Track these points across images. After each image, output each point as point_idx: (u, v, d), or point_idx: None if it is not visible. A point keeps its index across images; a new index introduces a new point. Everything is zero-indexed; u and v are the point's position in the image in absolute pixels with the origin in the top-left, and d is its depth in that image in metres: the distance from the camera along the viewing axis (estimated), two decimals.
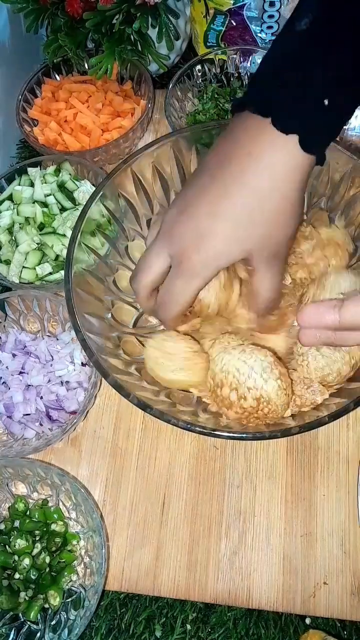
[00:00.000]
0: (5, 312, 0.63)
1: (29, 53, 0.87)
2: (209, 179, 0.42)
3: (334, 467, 0.56)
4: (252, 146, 0.40)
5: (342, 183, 0.55)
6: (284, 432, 0.44)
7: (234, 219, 0.41)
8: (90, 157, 0.73)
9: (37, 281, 0.66)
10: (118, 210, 0.56)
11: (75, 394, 0.60)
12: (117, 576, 0.54)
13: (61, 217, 0.68)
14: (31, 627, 0.51)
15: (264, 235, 0.42)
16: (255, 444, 0.58)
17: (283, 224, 0.42)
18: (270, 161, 0.39)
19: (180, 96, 0.76)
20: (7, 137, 0.81)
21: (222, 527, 0.55)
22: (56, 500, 0.56)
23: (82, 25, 0.72)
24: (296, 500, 0.55)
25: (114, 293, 0.56)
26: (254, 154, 0.40)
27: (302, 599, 0.52)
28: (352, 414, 0.55)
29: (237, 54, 0.76)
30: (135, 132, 0.74)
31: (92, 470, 0.59)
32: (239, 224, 0.41)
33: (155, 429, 0.60)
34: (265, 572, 0.53)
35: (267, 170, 0.40)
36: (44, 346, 0.62)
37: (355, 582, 0.52)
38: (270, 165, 0.39)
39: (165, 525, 0.56)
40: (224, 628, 0.52)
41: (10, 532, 0.54)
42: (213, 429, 0.44)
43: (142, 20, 0.70)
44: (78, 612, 0.51)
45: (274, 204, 0.41)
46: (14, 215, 0.69)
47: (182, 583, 0.53)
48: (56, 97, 0.79)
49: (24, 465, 0.54)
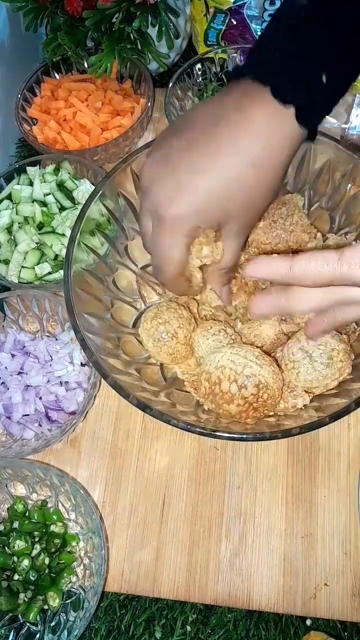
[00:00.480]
0: (4, 312, 0.63)
1: (28, 52, 0.86)
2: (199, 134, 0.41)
3: (335, 468, 0.56)
4: (249, 111, 0.40)
5: (343, 182, 0.55)
6: (285, 432, 0.43)
7: (220, 176, 0.40)
8: (90, 156, 0.73)
9: (36, 281, 0.66)
10: (117, 209, 0.56)
11: (75, 395, 0.59)
12: (116, 577, 0.54)
13: (60, 217, 0.68)
14: (30, 629, 0.51)
15: (245, 201, 0.41)
16: (256, 445, 0.57)
17: (265, 194, 0.42)
18: (267, 129, 0.39)
19: (180, 95, 0.75)
20: (6, 136, 0.81)
21: (223, 528, 0.55)
22: (55, 501, 0.55)
23: (81, 24, 0.71)
24: (297, 501, 0.55)
25: (113, 293, 0.56)
26: (251, 119, 0.39)
27: (302, 601, 0.52)
28: (353, 414, 0.55)
29: (238, 52, 0.75)
30: (135, 131, 0.74)
31: (92, 471, 0.58)
32: (224, 183, 0.40)
33: (155, 429, 0.59)
34: (265, 574, 0.53)
35: (262, 137, 0.39)
36: (43, 346, 0.61)
37: (356, 583, 0.52)
38: (266, 133, 0.39)
39: (165, 526, 0.55)
40: (224, 629, 0.52)
41: (9, 533, 0.54)
42: (213, 429, 0.44)
43: (141, 18, 0.69)
44: (77, 613, 0.51)
45: (263, 172, 0.40)
46: (12, 214, 0.68)
47: (182, 584, 0.53)
48: (55, 96, 0.79)
49: (23, 466, 0.54)
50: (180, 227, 0.41)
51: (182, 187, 0.40)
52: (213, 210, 0.41)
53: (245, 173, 0.40)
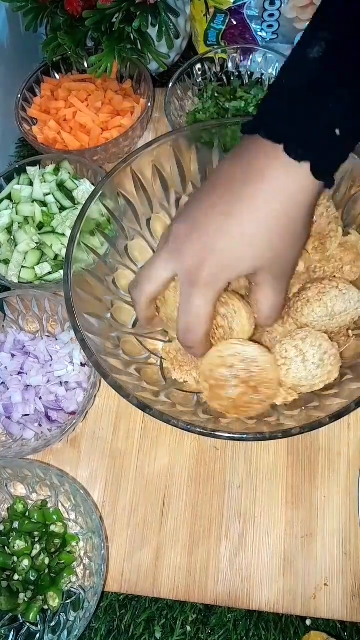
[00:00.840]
0: (4, 312, 0.63)
1: (28, 52, 0.86)
2: (219, 197, 0.42)
3: (335, 468, 0.56)
4: (264, 168, 0.40)
5: (343, 182, 0.54)
6: (285, 432, 0.43)
7: (242, 235, 0.41)
8: (90, 156, 0.73)
9: (36, 281, 0.66)
10: (118, 209, 0.56)
11: (75, 395, 0.59)
12: (116, 577, 0.54)
13: (60, 217, 0.68)
14: (30, 629, 0.51)
15: (272, 255, 0.42)
16: (256, 445, 0.57)
17: (291, 245, 0.43)
18: (282, 185, 0.40)
19: (180, 95, 0.75)
20: (6, 136, 0.81)
21: (223, 528, 0.55)
22: (55, 501, 0.55)
23: (81, 24, 0.71)
24: (297, 501, 0.55)
25: (113, 293, 0.56)
26: (267, 176, 0.40)
27: (302, 601, 0.52)
28: (353, 414, 0.55)
29: (238, 52, 0.75)
30: (135, 131, 0.74)
31: (92, 471, 0.58)
32: (247, 241, 0.41)
33: (155, 429, 0.59)
34: (265, 574, 0.53)
35: (279, 193, 0.40)
36: (43, 346, 0.61)
37: (356, 584, 0.52)
38: (282, 189, 0.40)
39: (165, 526, 0.55)
40: (224, 630, 0.52)
41: (9, 533, 0.54)
42: (213, 429, 0.44)
43: (142, 18, 0.69)
44: (77, 613, 0.51)
45: (284, 226, 0.41)
46: (12, 214, 0.68)
47: (182, 584, 0.53)
48: (55, 96, 0.79)
49: (23, 466, 0.54)
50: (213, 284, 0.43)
51: (208, 248, 0.42)
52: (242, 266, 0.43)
53: (264, 228, 0.41)
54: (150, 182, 0.57)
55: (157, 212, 0.59)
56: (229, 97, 0.74)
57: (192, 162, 0.57)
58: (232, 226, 0.41)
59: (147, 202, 0.58)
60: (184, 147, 0.56)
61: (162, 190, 0.58)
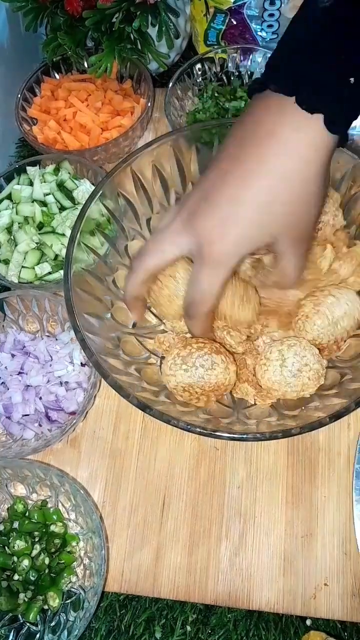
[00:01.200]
0: (4, 312, 0.63)
1: (28, 52, 0.86)
2: (229, 163, 0.40)
3: (334, 468, 0.56)
4: (274, 126, 0.38)
5: (343, 182, 0.54)
6: (285, 432, 0.43)
7: (258, 203, 0.39)
8: (90, 156, 0.73)
9: (36, 281, 0.66)
10: (117, 209, 0.56)
11: (75, 395, 0.59)
12: (116, 577, 0.54)
13: (60, 217, 0.68)
14: (30, 629, 0.51)
15: (289, 219, 0.41)
16: (256, 445, 0.57)
17: (308, 206, 0.41)
18: (294, 142, 0.38)
19: (180, 95, 0.75)
20: (6, 136, 0.81)
21: (223, 528, 0.55)
22: (55, 501, 0.55)
23: (81, 24, 0.71)
24: (297, 501, 0.55)
25: (113, 293, 0.56)
26: (277, 134, 0.38)
27: (302, 601, 0.52)
28: (353, 414, 0.55)
29: (238, 52, 0.76)
30: (135, 131, 0.74)
31: (92, 471, 0.58)
32: (263, 208, 0.40)
33: (155, 429, 0.59)
34: (265, 574, 0.53)
35: (291, 151, 0.38)
36: (43, 346, 0.61)
37: (356, 583, 0.52)
38: (294, 146, 0.38)
39: (165, 526, 0.55)
40: (224, 629, 0.52)
41: (9, 533, 0.54)
42: (213, 429, 0.44)
43: (141, 18, 0.69)
44: (77, 613, 0.51)
45: (298, 187, 0.39)
46: (12, 214, 0.68)
47: (182, 584, 0.53)
48: (55, 96, 0.79)
49: (23, 466, 0.54)
50: (225, 263, 0.41)
51: (223, 223, 0.40)
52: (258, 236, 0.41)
53: (279, 192, 0.39)
54: (150, 182, 0.57)
55: (157, 212, 0.59)
56: (229, 97, 0.74)
57: (192, 162, 0.57)
58: (245, 195, 0.39)
59: (147, 202, 0.58)
60: (184, 147, 0.56)
61: (162, 190, 0.58)
